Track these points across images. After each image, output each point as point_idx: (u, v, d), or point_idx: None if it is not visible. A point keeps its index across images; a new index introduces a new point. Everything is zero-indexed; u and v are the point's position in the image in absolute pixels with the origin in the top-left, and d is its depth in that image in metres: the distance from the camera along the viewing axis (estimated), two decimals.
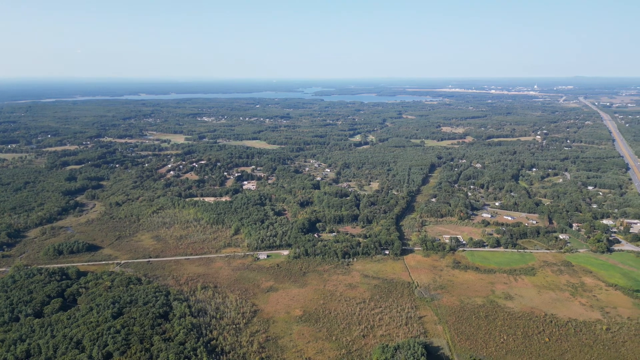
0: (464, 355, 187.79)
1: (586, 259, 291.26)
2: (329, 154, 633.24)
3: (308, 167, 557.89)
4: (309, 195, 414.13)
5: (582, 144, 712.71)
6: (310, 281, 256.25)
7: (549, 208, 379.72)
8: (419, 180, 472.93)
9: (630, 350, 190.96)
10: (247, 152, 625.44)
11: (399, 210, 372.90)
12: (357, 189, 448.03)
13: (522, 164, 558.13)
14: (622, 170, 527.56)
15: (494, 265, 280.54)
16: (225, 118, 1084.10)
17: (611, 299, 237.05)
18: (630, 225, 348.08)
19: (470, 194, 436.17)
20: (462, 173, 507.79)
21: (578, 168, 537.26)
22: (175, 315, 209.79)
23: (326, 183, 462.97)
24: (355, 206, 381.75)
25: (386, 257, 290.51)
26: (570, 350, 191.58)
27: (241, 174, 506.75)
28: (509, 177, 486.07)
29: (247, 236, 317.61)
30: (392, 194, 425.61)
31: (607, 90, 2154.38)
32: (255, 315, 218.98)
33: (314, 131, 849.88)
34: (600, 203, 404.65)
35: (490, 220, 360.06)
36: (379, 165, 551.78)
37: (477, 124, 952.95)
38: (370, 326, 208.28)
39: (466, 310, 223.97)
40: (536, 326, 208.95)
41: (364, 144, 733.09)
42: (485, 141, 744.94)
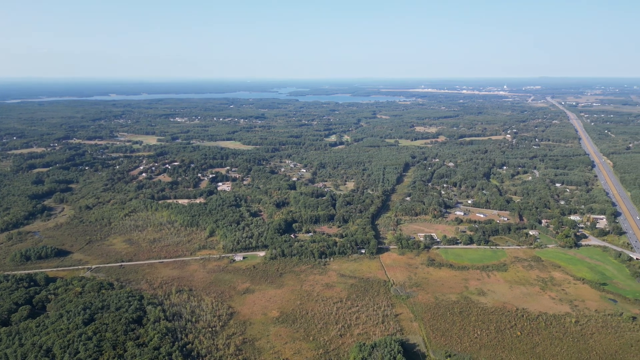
0: (439, 351, 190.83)
1: (555, 254, 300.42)
2: (305, 154, 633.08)
3: (284, 168, 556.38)
4: (285, 195, 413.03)
5: (550, 143, 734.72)
6: (287, 282, 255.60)
7: (519, 205, 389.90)
8: (393, 180, 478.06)
9: (598, 342, 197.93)
10: (222, 153, 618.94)
11: (375, 210, 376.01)
12: (333, 189, 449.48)
13: (493, 162, 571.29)
14: (588, 168, 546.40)
15: (467, 262, 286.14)
16: (198, 118, 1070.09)
17: (579, 293, 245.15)
18: (596, 220, 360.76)
19: (444, 192, 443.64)
20: (435, 172, 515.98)
21: (546, 166, 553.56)
22: (150, 320, 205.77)
23: (302, 183, 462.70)
24: (332, 206, 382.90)
25: (362, 256, 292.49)
26: (541, 343, 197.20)
27: (216, 175, 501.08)
28: (480, 175, 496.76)
29: (223, 238, 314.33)
30: (367, 193, 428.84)
31: (572, 90, 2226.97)
32: (232, 317, 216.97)
33: (289, 131, 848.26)
34: (567, 199, 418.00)
35: (463, 217, 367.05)
36: (354, 165, 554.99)
37: (449, 124, 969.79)
38: (347, 325, 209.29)
39: (441, 307, 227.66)
40: (508, 321, 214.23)
41: (339, 144, 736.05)
42: (457, 140, 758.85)
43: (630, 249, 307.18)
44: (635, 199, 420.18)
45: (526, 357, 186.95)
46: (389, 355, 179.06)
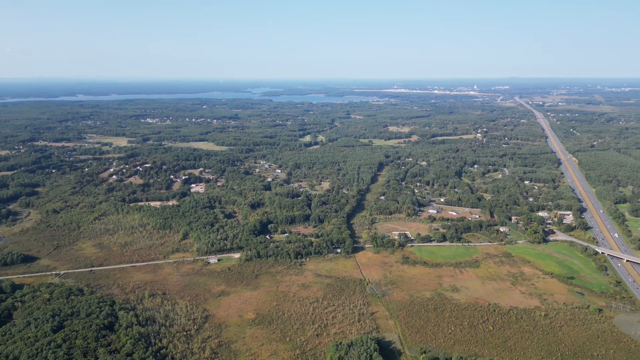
0: (414, 348, 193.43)
1: (524, 249, 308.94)
2: (280, 154, 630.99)
3: (258, 168, 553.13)
4: (260, 196, 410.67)
5: (519, 141, 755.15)
6: (263, 283, 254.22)
7: (490, 202, 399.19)
8: (368, 179, 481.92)
9: (567, 334, 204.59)
10: (195, 154, 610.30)
11: (350, 209, 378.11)
12: (308, 189, 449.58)
13: (465, 161, 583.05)
14: (555, 165, 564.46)
15: (440, 259, 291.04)
16: (170, 119, 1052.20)
17: (548, 287, 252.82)
18: (563, 216, 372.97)
19: (417, 191, 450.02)
20: (408, 171, 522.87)
21: (515, 164, 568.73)
22: (122, 326, 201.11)
23: (277, 184, 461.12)
24: (307, 206, 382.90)
25: (338, 256, 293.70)
26: (513, 337, 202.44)
27: (189, 177, 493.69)
28: (452, 174, 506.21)
29: (197, 240, 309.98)
30: (342, 193, 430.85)
31: (539, 90, 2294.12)
32: (207, 320, 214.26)
33: (264, 132, 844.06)
34: (536, 196, 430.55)
35: (436, 215, 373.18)
36: (329, 165, 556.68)
37: (422, 123, 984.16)
38: (323, 325, 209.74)
39: (416, 304, 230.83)
40: (481, 316, 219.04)
41: (314, 144, 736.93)
42: (429, 140, 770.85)
43: (596, 243, 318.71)
44: (600, 195, 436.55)
45: (498, 351, 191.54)
46: (366, 353, 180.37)
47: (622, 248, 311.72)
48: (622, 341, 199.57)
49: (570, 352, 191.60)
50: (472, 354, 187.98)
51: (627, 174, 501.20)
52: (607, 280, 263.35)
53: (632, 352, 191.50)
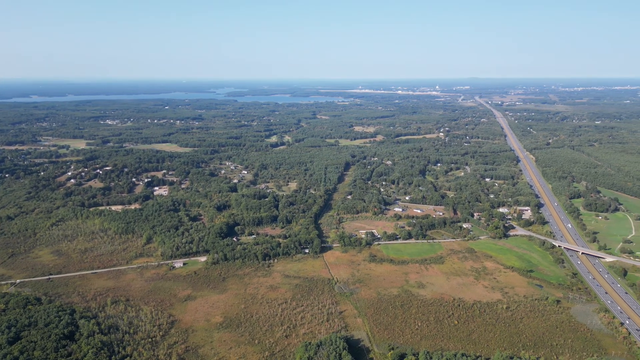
0: (382, 345, 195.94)
1: (487, 245, 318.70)
2: (246, 155, 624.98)
3: (224, 170, 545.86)
4: (226, 198, 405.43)
5: (480, 140, 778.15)
6: (231, 286, 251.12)
7: (453, 200, 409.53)
8: (335, 179, 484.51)
9: (527, 326, 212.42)
10: (157, 156, 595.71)
11: (317, 209, 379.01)
12: (275, 190, 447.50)
13: (428, 159, 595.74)
14: (514, 163, 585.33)
15: (406, 256, 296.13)
16: (131, 121, 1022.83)
17: (509, 280, 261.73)
18: (522, 212, 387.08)
19: (383, 189, 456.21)
20: (374, 170, 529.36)
21: (477, 162, 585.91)
22: (83, 335, 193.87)
23: (244, 185, 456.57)
24: (274, 207, 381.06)
25: (306, 256, 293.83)
26: (477, 330, 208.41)
27: (151, 180, 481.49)
28: (417, 172, 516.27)
29: (161, 244, 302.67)
30: (310, 193, 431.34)
31: (498, 90, 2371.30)
32: (173, 326, 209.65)
33: (229, 132, 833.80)
34: (496, 193, 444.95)
35: (402, 214, 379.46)
36: (296, 165, 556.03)
37: (386, 123, 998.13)
38: (292, 326, 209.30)
39: (383, 301, 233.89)
40: (446, 310, 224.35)
41: (280, 145, 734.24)
42: (394, 139, 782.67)
43: (553, 237, 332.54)
44: (556, 191, 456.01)
45: (463, 344, 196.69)
46: (335, 352, 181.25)
47: (577, 241, 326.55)
48: (579, 330, 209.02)
49: (530, 342, 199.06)
50: (438, 348, 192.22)
51: (580, 170, 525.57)
52: (564, 273, 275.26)
53: (588, 341, 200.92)
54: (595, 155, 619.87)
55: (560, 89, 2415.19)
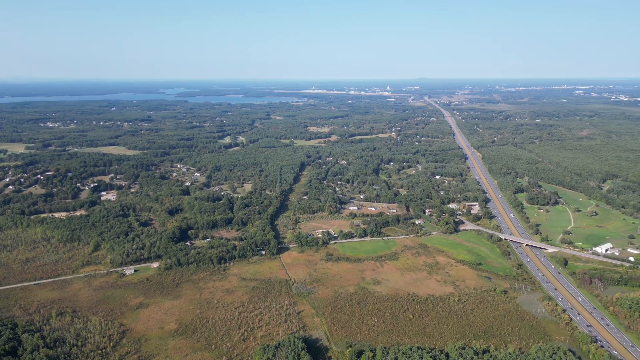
0: (340, 343, 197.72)
1: (438, 240, 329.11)
2: (198, 157, 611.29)
3: (175, 173, 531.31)
4: (178, 201, 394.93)
5: (430, 139, 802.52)
6: (185, 292, 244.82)
7: (406, 197, 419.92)
8: (290, 179, 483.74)
9: (478, 316, 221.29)
10: (104, 159, 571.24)
11: (273, 210, 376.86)
12: (229, 192, 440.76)
13: (381, 158, 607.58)
14: (462, 160, 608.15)
15: (362, 254, 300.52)
16: (75, 123, 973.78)
17: (460, 274, 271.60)
18: (470, 207, 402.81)
19: (338, 189, 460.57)
20: (329, 170, 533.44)
21: (427, 160, 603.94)
22: (26, 350, 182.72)
23: (196, 188, 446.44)
24: (229, 209, 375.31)
25: (263, 258, 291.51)
26: (431, 323, 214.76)
27: (98, 184, 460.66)
28: (370, 171, 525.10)
29: (110, 251, 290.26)
30: (265, 194, 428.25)
31: (446, 90, 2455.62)
32: (124, 335, 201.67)
33: (180, 134, 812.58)
34: (446, 190, 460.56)
35: (357, 212, 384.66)
36: (250, 166, 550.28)
37: (340, 123, 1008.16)
38: (250, 329, 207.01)
39: (340, 300, 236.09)
40: (401, 306, 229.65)
41: (234, 146, 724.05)
42: (348, 139, 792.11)
43: (499, 230, 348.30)
44: (501, 186, 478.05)
45: (418, 338, 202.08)
46: (293, 353, 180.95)
47: (521, 234, 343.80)
48: (525, 319, 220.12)
49: (481, 332, 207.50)
50: (394, 343, 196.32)
51: (523, 166, 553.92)
52: (510, 264, 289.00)
53: (534, 328, 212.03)
54: (536, 151, 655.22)
55: (503, 89, 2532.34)
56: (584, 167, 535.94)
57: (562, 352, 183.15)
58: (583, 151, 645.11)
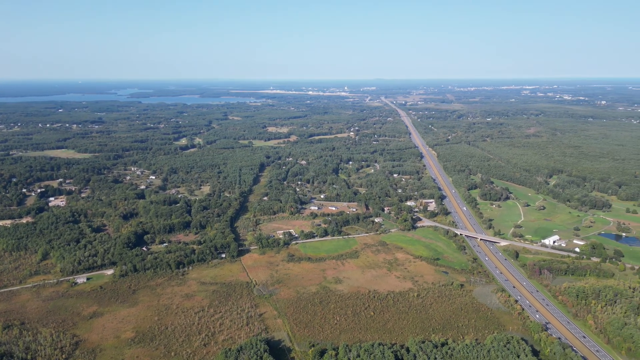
0: (303, 343, 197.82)
1: (397, 237, 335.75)
2: (153, 159, 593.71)
3: (129, 176, 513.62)
4: (133, 206, 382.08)
5: (387, 138, 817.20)
6: (142, 298, 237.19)
7: (365, 196, 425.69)
8: (250, 180, 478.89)
9: (436, 310, 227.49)
10: (52, 163, 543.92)
11: (233, 212, 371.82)
12: (187, 195, 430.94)
13: (341, 158, 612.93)
14: (418, 159, 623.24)
15: (323, 253, 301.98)
16: (18, 125, 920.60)
17: (418, 269, 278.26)
18: (427, 204, 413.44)
19: (299, 189, 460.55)
20: (289, 170, 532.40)
21: (385, 159, 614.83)
22: None
23: (152, 191, 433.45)
24: (187, 212, 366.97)
25: (223, 261, 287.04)
26: (391, 319, 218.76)
27: (46, 190, 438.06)
28: (330, 171, 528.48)
29: (60, 260, 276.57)
30: (224, 196, 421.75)
31: (401, 90, 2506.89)
32: (78, 347, 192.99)
33: (134, 136, 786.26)
34: (404, 188, 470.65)
35: (318, 212, 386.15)
36: (208, 168, 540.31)
37: (299, 124, 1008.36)
38: (211, 333, 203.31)
39: (302, 300, 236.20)
40: (362, 303, 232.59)
41: (190, 147, 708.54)
42: (307, 139, 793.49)
43: (455, 226, 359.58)
44: (456, 183, 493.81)
45: (379, 334, 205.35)
46: (255, 356, 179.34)
47: (475, 228, 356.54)
48: (480, 310, 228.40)
49: (440, 325, 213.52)
50: (356, 340, 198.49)
51: (476, 163, 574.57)
52: (465, 258, 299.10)
53: (489, 319, 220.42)
54: (488, 149, 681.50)
55: (456, 89, 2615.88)
56: (532, 164, 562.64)
57: (515, 341, 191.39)
58: (531, 148, 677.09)
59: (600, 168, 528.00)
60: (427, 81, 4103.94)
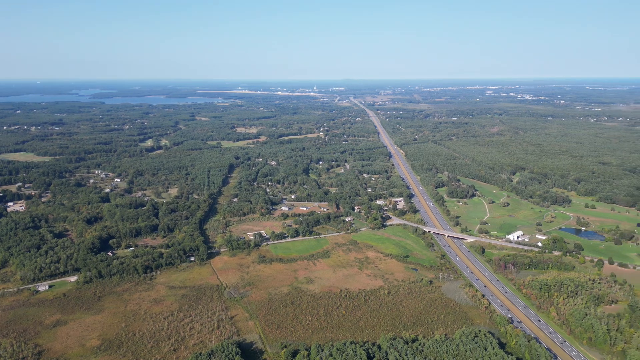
0: (275, 345, 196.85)
1: (367, 235, 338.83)
2: (118, 162, 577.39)
3: (93, 179, 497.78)
4: (97, 210, 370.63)
5: (356, 138, 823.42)
6: (108, 305, 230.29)
7: (336, 196, 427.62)
8: (219, 182, 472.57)
9: (407, 307, 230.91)
10: (10, 167, 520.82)
11: (202, 214, 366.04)
12: (154, 197, 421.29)
13: (311, 158, 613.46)
14: (387, 158, 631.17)
15: (295, 253, 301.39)
16: None
17: (389, 267, 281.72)
18: (396, 202, 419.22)
19: (269, 190, 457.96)
20: (259, 171, 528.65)
21: (355, 159, 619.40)
22: None
23: (117, 194, 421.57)
24: (154, 215, 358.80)
25: (192, 264, 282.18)
26: (363, 317, 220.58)
27: (3, 195, 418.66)
28: (300, 171, 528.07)
29: (20, 267, 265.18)
30: (193, 198, 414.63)
31: (370, 90, 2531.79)
32: (41, 356, 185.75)
33: (97, 138, 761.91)
34: (373, 187, 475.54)
35: (289, 212, 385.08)
36: (176, 170, 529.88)
37: (268, 124, 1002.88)
38: (181, 338, 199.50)
39: (274, 301, 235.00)
40: (334, 302, 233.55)
41: (157, 149, 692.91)
42: (277, 140, 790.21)
43: (423, 223, 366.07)
44: (424, 181, 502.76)
45: (351, 333, 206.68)
46: (227, 359, 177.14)
47: (443, 226, 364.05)
48: (449, 306, 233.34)
49: (410, 322, 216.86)
50: (329, 340, 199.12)
51: (443, 162, 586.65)
52: (434, 255, 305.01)
53: (457, 314, 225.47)
54: (454, 148, 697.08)
55: (423, 89, 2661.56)
56: (496, 162, 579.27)
57: (482, 334, 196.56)
58: (495, 146, 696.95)
59: (560, 165, 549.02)
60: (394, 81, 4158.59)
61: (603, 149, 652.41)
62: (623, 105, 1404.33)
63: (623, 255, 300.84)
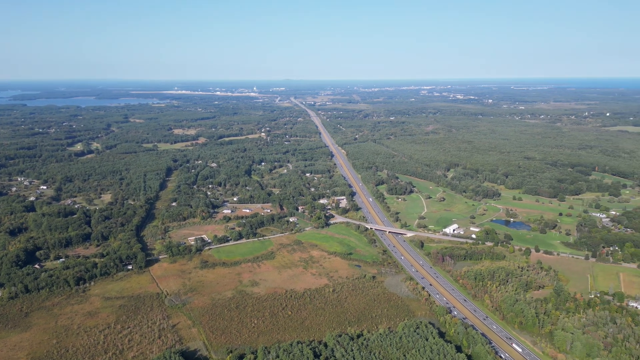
0: (220, 350, 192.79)
1: (312, 235, 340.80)
2: (43, 168, 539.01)
3: (15, 187, 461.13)
4: (21, 220, 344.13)
5: (298, 138, 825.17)
6: (37, 321, 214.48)
7: (279, 196, 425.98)
8: (156, 186, 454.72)
9: (351, 304, 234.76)
10: None
11: (139, 220, 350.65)
12: (85, 204, 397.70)
13: (253, 159, 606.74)
14: (329, 158, 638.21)
15: (239, 257, 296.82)
16: None
17: (333, 265, 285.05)
18: (339, 201, 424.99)
19: (210, 193, 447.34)
20: (199, 174, 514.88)
21: (297, 159, 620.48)
22: None
23: (43, 202, 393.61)
24: (86, 224, 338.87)
25: (130, 273, 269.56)
26: (309, 316, 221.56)
27: None
28: (242, 173, 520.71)
29: None
30: (128, 204, 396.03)
31: (310, 91, 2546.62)
32: None
33: (19, 142, 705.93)
34: (316, 186, 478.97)
35: (231, 215, 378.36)
36: (109, 174, 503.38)
37: (207, 125, 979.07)
38: (119, 351, 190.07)
39: (218, 306, 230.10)
40: (280, 303, 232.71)
41: (87, 153, 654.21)
42: (217, 141, 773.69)
43: (365, 221, 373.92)
44: (365, 180, 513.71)
45: (298, 333, 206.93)
46: None
47: (384, 222, 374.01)
48: (392, 300, 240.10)
49: (355, 318, 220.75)
50: (275, 341, 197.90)
51: (382, 160, 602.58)
52: (376, 251, 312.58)
53: (400, 307, 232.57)
54: (392, 146, 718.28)
55: (361, 89, 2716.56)
56: (431, 159, 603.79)
57: (423, 325, 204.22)
58: (430, 144, 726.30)
59: (490, 160, 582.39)
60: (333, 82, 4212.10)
61: (527, 145, 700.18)
62: (544, 104, 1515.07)
63: (548, 244, 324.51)
